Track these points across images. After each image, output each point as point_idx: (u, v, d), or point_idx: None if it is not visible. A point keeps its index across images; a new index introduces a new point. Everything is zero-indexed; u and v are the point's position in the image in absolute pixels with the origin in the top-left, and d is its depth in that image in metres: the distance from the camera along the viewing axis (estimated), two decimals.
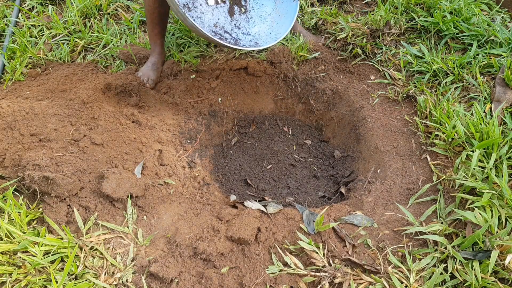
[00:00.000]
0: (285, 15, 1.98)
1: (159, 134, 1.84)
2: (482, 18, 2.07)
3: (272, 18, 2.03)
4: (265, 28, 2.02)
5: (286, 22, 1.94)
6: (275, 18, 2.02)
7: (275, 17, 2.02)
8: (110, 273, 1.31)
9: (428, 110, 1.74)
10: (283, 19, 1.98)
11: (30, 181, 1.43)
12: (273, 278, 1.31)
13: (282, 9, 2.01)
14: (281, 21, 1.98)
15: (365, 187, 1.67)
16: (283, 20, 1.97)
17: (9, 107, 1.84)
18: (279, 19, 2.00)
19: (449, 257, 1.27)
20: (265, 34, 1.99)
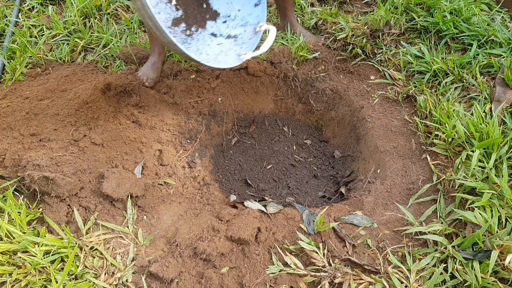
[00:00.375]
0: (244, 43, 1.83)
1: (159, 134, 1.84)
2: (482, 18, 2.07)
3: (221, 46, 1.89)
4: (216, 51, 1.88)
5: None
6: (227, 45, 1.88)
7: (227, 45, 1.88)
8: (110, 273, 1.31)
9: (428, 110, 1.74)
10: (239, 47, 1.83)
11: (30, 181, 1.43)
12: (273, 278, 1.31)
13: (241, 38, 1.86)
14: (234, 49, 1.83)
15: (365, 187, 1.67)
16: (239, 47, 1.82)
17: (9, 107, 1.84)
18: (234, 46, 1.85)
19: (449, 257, 1.27)
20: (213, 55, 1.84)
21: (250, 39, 1.75)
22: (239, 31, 1.83)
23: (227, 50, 1.79)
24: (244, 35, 1.80)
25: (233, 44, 1.81)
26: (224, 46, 1.81)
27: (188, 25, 1.86)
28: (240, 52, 1.73)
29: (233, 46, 1.81)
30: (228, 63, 1.67)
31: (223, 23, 1.86)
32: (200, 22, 1.88)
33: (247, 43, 1.76)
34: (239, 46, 1.78)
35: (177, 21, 1.84)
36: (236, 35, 1.82)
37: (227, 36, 1.83)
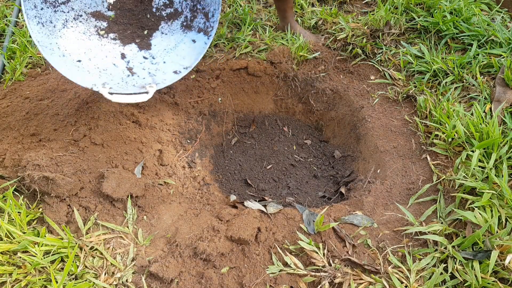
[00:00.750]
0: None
1: (159, 134, 1.84)
2: (482, 18, 2.07)
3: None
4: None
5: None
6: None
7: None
8: (110, 273, 1.31)
9: (428, 110, 1.74)
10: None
11: (30, 181, 1.43)
12: (273, 278, 1.31)
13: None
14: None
15: (365, 187, 1.67)
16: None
17: (9, 107, 1.84)
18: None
19: (449, 257, 1.27)
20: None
21: (134, 86, 1.63)
22: (142, 73, 1.72)
23: (112, 73, 1.68)
24: (138, 79, 1.69)
25: (123, 75, 1.69)
26: (114, 70, 1.69)
27: (109, 29, 1.76)
28: (108, 82, 1.61)
29: (119, 76, 1.68)
30: (84, 80, 1.55)
31: (143, 58, 1.76)
32: (125, 37, 1.78)
33: (124, 85, 1.64)
34: (121, 81, 1.66)
35: (99, 16, 1.74)
36: (136, 73, 1.71)
37: (129, 67, 1.72)
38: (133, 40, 1.78)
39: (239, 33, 2.30)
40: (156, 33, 1.79)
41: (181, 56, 1.71)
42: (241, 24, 2.39)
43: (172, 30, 1.78)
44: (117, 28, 1.78)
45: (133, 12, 1.79)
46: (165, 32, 1.79)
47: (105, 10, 1.75)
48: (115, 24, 1.78)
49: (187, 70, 1.62)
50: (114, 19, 1.77)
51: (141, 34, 1.80)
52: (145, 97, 1.53)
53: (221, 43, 2.28)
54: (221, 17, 2.45)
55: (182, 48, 1.73)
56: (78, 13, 1.70)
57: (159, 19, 1.79)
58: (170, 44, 1.76)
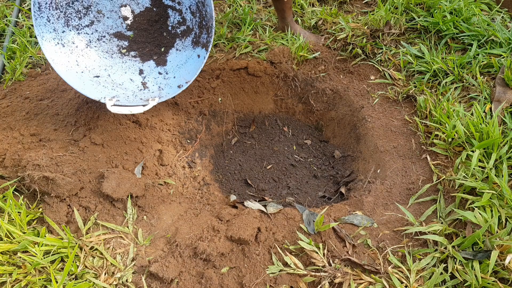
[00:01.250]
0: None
1: (159, 134, 1.84)
2: (482, 18, 2.07)
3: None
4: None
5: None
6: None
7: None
8: (110, 273, 1.31)
9: (428, 110, 1.74)
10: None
11: (30, 181, 1.43)
12: (273, 278, 1.31)
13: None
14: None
15: (365, 187, 1.67)
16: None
17: (9, 107, 1.84)
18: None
19: (449, 257, 1.27)
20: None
21: (141, 99, 1.74)
22: (153, 88, 1.83)
23: (126, 88, 1.80)
24: (148, 93, 1.80)
25: (135, 89, 1.81)
26: (130, 85, 1.82)
27: (130, 47, 1.89)
28: (120, 95, 1.73)
29: (132, 90, 1.80)
30: (94, 93, 1.66)
31: (158, 73, 1.88)
32: (144, 55, 1.91)
33: (132, 98, 1.75)
34: (131, 94, 1.77)
35: (121, 36, 1.89)
36: (148, 87, 1.83)
37: (144, 82, 1.85)
38: (151, 57, 1.91)
39: (239, 33, 2.30)
40: (172, 50, 1.91)
41: (187, 71, 1.82)
42: (241, 24, 2.39)
43: (185, 46, 1.90)
44: (137, 47, 1.91)
45: (149, 31, 1.92)
46: (179, 49, 1.91)
47: (125, 30, 1.89)
48: (135, 42, 1.91)
49: (188, 84, 1.73)
50: (134, 38, 1.90)
51: (158, 51, 1.92)
52: (141, 109, 1.62)
53: (221, 43, 2.28)
54: (221, 17, 2.45)
55: (190, 64, 1.84)
56: (101, 34, 1.85)
57: (174, 37, 1.91)
58: (182, 60, 1.88)
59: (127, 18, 1.88)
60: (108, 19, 1.85)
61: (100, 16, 1.82)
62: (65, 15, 1.70)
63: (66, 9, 1.70)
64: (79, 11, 1.76)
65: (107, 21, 1.84)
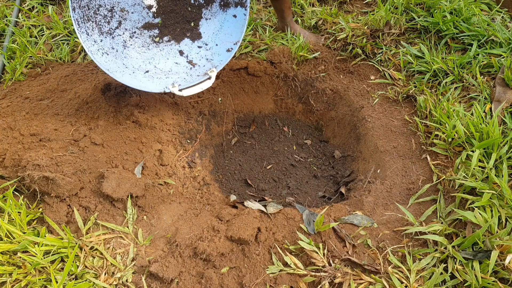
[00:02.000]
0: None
1: (159, 134, 1.84)
2: (482, 18, 2.07)
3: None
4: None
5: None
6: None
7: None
8: (110, 273, 1.31)
9: (428, 110, 1.74)
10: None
11: (30, 181, 1.43)
12: (273, 278, 1.31)
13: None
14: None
15: (365, 187, 1.67)
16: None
17: (9, 107, 1.84)
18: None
19: (449, 257, 1.27)
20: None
21: (198, 76, 1.77)
22: (201, 62, 1.87)
23: (177, 71, 1.83)
24: (200, 68, 1.83)
25: (186, 70, 1.84)
26: (178, 68, 1.85)
27: (162, 34, 1.92)
28: (176, 80, 1.76)
29: (183, 71, 1.84)
30: (156, 86, 1.70)
31: (198, 47, 1.91)
32: (177, 35, 1.93)
33: (190, 78, 1.78)
34: (186, 75, 1.81)
35: (150, 26, 1.90)
36: (196, 63, 1.87)
37: (189, 61, 1.88)
38: (185, 35, 1.94)
39: None
40: (202, 21, 1.95)
41: (228, 34, 1.86)
42: None
43: (213, 13, 1.93)
44: (168, 30, 1.94)
45: (176, 11, 1.94)
46: (208, 18, 1.94)
47: (152, 19, 1.92)
48: (165, 27, 1.94)
49: (238, 45, 1.78)
50: (162, 23, 1.93)
51: (189, 27, 1.95)
52: (209, 83, 1.68)
53: None
54: None
55: (228, 26, 1.88)
56: (132, 31, 1.88)
57: (199, 8, 1.94)
58: (216, 26, 1.91)
59: (151, 6, 1.89)
60: (133, 14, 1.87)
61: (124, 14, 1.85)
62: (96, 25, 1.74)
63: (95, 17, 1.74)
64: (106, 16, 1.79)
65: (132, 16, 1.87)
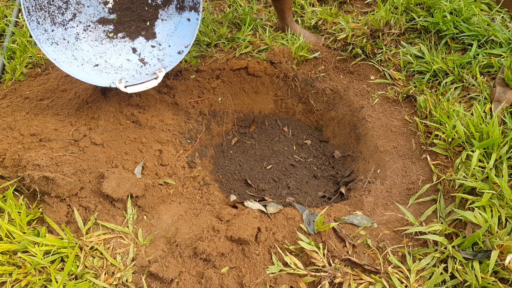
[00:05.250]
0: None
1: (159, 134, 1.84)
2: (482, 18, 2.07)
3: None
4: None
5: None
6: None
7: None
8: (110, 273, 1.31)
9: (428, 110, 1.74)
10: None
11: (30, 181, 1.43)
12: (273, 278, 1.31)
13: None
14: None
15: (365, 187, 1.67)
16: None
17: (9, 107, 1.84)
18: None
19: (449, 257, 1.27)
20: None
21: (147, 74, 1.79)
22: (152, 61, 1.88)
23: (127, 68, 1.85)
24: (150, 67, 1.85)
25: (137, 68, 1.86)
26: (129, 65, 1.87)
27: (117, 30, 1.94)
28: (124, 76, 1.77)
29: (133, 69, 1.85)
30: (102, 80, 1.71)
31: (151, 47, 1.93)
32: (132, 33, 1.95)
33: (138, 76, 1.79)
34: (135, 73, 1.82)
35: (105, 21, 1.92)
36: (147, 62, 1.88)
37: (141, 59, 1.89)
38: (140, 34, 1.96)
39: (239, 33, 2.30)
40: (158, 22, 1.97)
41: (181, 37, 1.88)
42: (241, 24, 2.39)
43: (169, 15, 1.95)
44: (123, 27, 1.96)
45: (132, 9, 1.96)
46: (164, 19, 1.96)
47: (107, 15, 1.93)
48: (120, 24, 1.96)
49: (188, 48, 1.80)
50: (118, 20, 1.94)
51: (144, 26, 1.97)
52: (155, 82, 1.70)
53: (221, 43, 2.28)
54: (221, 17, 2.45)
55: (181, 29, 1.90)
56: (86, 25, 1.89)
57: (156, 8, 1.96)
58: (171, 28, 1.94)
59: (107, 2, 1.91)
60: (89, 8, 1.88)
61: (80, 7, 1.86)
62: (49, 14, 1.74)
63: (48, 7, 1.74)
64: (60, 7, 1.79)
65: (88, 10, 1.88)
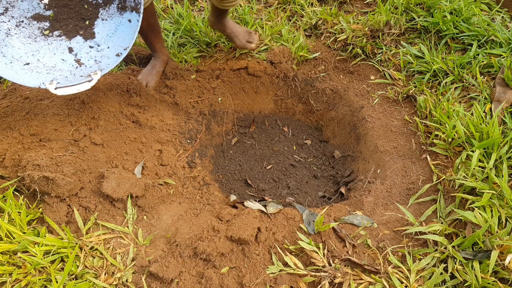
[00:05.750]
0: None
1: (159, 134, 1.84)
2: (482, 18, 2.07)
3: None
4: None
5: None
6: None
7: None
8: (110, 273, 1.31)
9: (428, 110, 1.74)
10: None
11: (30, 181, 1.43)
12: (273, 278, 1.31)
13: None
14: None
15: (365, 187, 1.67)
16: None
17: (9, 107, 1.84)
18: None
19: (449, 257, 1.27)
20: None
21: (81, 76, 1.69)
22: (89, 62, 1.78)
23: (61, 69, 1.73)
24: (86, 69, 1.75)
25: (71, 68, 1.75)
26: (63, 65, 1.76)
27: (53, 27, 1.82)
28: (57, 77, 1.67)
29: (68, 70, 1.74)
30: (31, 81, 1.60)
31: (89, 47, 1.83)
32: (69, 32, 1.84)
33: (72, 77, 1.69)
34: (69, 74, 1.72)
35: (40, 18, 1.80)
36: (83, 63, 1.77)
37: (77, 59, 1.78)
38: (78, 33, 1.84)
39: None
40: (97, 21, 1.85)
41: (121, 38, 1.77)
42: (241, 24, 2.39)
43: (110, 14, 1.84)
44: (60, 25, 1.83)
45: (70, 6, 1.84)
46: (105, 18, 1.85)
47: (43, 11, 1.80)
48: (57, 21, 1.83)
49: (127, 51, 1.70)
50: (54, 17, 1.82)
51: (83, 25, 1.86)
52: (88, 85, 1.59)
53: (221, 43, 2.28)
54: None
55: (122, 30, 1.79)
56: (19, 20, 1.76)
57: (97, 7, 1.85)
58: (111, 28, 1.82)
59: None
60: (23, 2, 1.77)
61: (13, 0, 1.75)
62: None
63: None
64: None
65: (22, 4, 1.77)
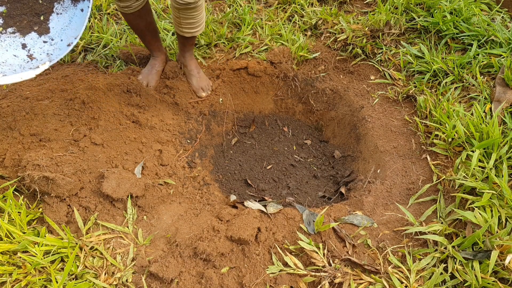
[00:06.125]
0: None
1: (159, 134, 1.84)
2: (482, 18, 2.07)
3: None
4: None
5: None
6: None
7: None
8: (110, 273, 1.31)
9: (428, 110, 1.74)
10: None
11: (30, 181, 1.43)
12: (273, 278, 1.31)
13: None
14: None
15: (365, 187, 1.67)
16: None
17: (9, 107, 1.84)
18: None
19: (449, 257, 1.27)
20: None
21: (30, 68, 1.64)
22: (41, 56, 1.73)
23: (11, 64, 1.69)
24: (36, 62, 1.71)
25: (22, 63, 1.71)
26: (15, 60, 1.71)
27: (6, 24, 1.78)
28: (6, 71, 1.63)
29: (18, 64, 1.70)
30: None
31: (43, 42, 1.79)
32: (23, 28, 1.80)
33: (20, 70, 1.65)
34: (18, 67, 1.68)
35: None
36: (35, 58, 1.73)
37: (29, 55, 1.75)
38: (32, 29, 1.81)
39: (239, 33, 2.30)
40: (52, 16, 1.82)
41: (74, 29, 1.75)
42: (241, 24, 2.39)
43: (65, 8, 1.82)
44: (13, 21, 1.80)
45: (23, 2, 1.81)
46: (59, 13, 1.82)
47: None
48: (10, 18, 1.79)
49: (77, 39, 1.67)
50: (8, 13, 1.78)
51: (38, 20, 1.82)
52: (33, 74, 1.56)
53: (221, 43, 2.28)
54: (221, 17, 2.45)
55: (75, 21, 1.77)
56: None
57: (51, 2, 1.82)
58: (66, 21, 1.80)
59: None
60: None
61: None
62: None
63: None
64: None
65: None
